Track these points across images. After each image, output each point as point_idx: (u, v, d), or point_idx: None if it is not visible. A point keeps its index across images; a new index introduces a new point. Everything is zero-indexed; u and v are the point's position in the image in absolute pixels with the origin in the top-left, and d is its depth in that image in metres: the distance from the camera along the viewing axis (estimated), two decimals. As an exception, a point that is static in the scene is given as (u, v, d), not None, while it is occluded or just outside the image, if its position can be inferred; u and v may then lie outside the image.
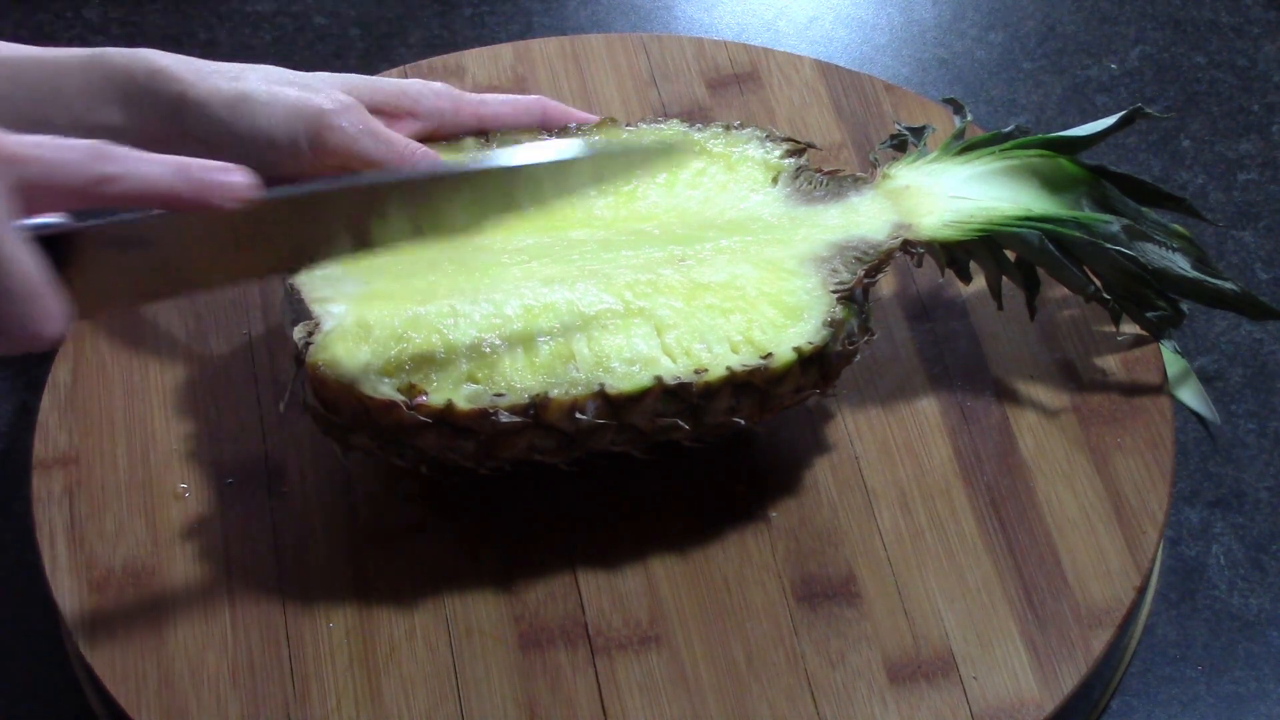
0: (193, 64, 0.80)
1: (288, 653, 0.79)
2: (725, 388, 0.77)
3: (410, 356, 0.76)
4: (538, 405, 0.75)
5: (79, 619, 0.80)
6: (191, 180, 0.67)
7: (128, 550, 0.82)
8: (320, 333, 0.77)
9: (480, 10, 1.16)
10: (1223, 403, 0.96)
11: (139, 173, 0.66)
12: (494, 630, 0.80)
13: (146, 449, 0.85)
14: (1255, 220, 1.04)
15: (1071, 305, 0.91)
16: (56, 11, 1.15)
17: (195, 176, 0.67)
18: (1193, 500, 0.92)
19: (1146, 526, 0.83)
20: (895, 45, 1.14)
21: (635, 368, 0.76)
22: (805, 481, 0.85)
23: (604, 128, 0.85)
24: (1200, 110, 1.10)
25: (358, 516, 0.83)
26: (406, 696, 0.78)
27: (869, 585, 0.81)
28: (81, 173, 0.64)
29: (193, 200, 0.67)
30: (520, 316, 0.78)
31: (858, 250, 0.82)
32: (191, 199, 0.67)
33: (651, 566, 0.82)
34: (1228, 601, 0.89)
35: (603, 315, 0.78)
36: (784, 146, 0.86)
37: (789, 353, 0.77)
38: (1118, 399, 0.87)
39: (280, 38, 1.14)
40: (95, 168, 0.65)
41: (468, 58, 1.01)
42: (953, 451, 0.86)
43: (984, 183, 0.84)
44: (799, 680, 0.78)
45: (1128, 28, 1.15)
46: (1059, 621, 0.80)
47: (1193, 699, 0.86)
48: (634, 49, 1.02)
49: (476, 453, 0.77)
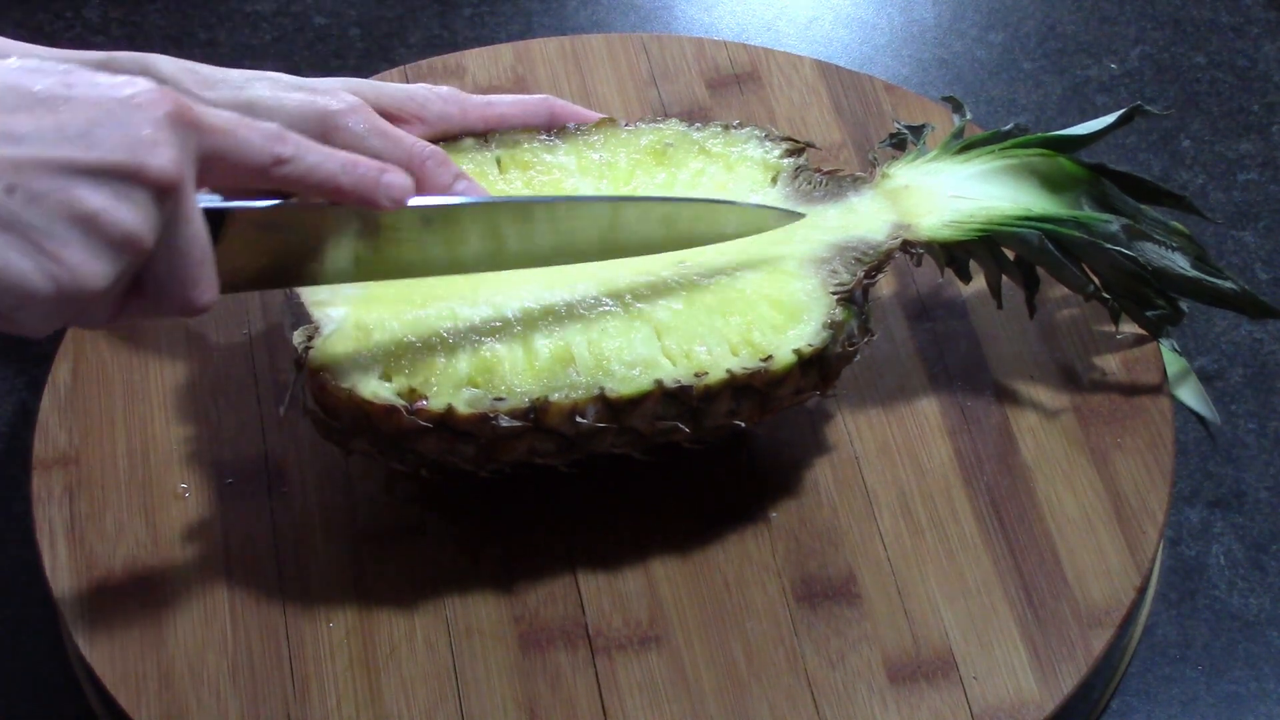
0: (198, 74, 0.80)
1: (288, 653, 0.79)
2: (725, 390, 0.77)
3: (410, 360, 0.76)
4: (538, 409, 0.75)
5: (79, 619, 0.80)
6: (356, 176, 0.70)
7: (128, 550, 0.82)
8: (320, 337, 0.77)
9: (480, 10, 1.16)
10: (1223, 403, 0.96)
11: (309, 161, 0.69)
12: (494, 630, 0.80)
13: (146, 449, 0.85)
14: (1255, 220, 1.04)
15: (1071, 305, 0.91)
16: (56, 11, 1.15)
17: (360, 173, 0.70)
18: (1193, 500, 0.92)
19: (1146, 526, 0.83)
20: (895, 45, 1.14)
21: (635, 371, 0.76)
22: (805, 481, 0.85)
23: (602, 127, 0.85)
24: (1200, 110, 1.10)
25: (358, 517, 0.83)
26: (406, 696, 0.78)
27: (869, 585, 0.81)
28: (260, 152, 0.67)
29: (354, 195, 0.70)
30: (520, 319, 0.78)
31: (857, 251, 0.81)
32: (353, 193, 0.70)
33: (651, 567, 0.82)
34: (1228, 601, 0.89)
35: (602, 318, 0.78)
36: (783, 146, 0.85)
37: (789, 355, 0.77)
38: (1118, 399, 0.87)
39: (280, 38, 1.14)
40: (273, 149, 0.67)
41: (468, 58, 1.01)
42: (953, 452, 0.86)
43: (983, 182, 0.84)
44: (799, 680, 0.78)
45: (1128, 28, 1.15)
46: (1059, 621, 0.80)
47: (1193, 699, 0.86)
48: (634, 49, 1.02)
49: (477, 456, 0.77)
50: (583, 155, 0.84)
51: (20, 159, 0.60)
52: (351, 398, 0.75)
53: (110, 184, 0.62)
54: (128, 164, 0.62)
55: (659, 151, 0.85)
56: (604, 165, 0.84)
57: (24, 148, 0.60)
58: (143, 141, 0.62)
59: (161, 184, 0.63)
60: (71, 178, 0.61)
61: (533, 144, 0.84)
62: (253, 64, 1.12)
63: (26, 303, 0.61)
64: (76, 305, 0.63)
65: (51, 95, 0.62)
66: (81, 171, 0.61)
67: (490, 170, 0.83)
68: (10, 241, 0.60)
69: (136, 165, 0.62)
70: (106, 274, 0.62)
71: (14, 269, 0.61)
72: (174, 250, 0.65)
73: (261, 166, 0.67)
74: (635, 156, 0.84)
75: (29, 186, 0.60)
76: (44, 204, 0.61)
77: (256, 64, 1.12)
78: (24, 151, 0.60)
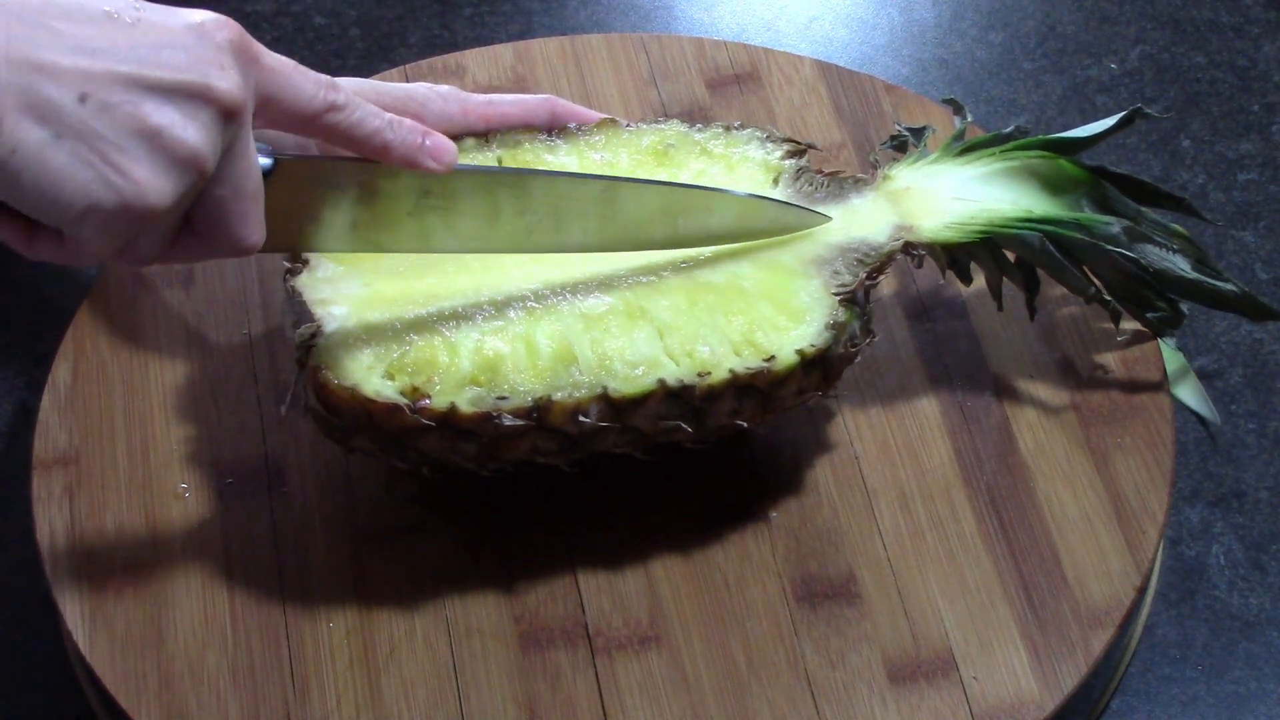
0: None
1: (288, 653, 0.79)
2: (728, 390, 0.77)
3: (412, 359, 0.76)
4: (540, 408, 0.75)
5: (79, 619, 0.80)
6: (403, 136, 0.71)
7: (128, 550, 0.82)
8: (322, 335, 0.77)
9: (480, 10, 1.16)
10: (1223, 403, 0.96)
11: (359, 114, 0.70)
12: (494, 630, 0.80)
13: (146, 449, 0.85)
14: (1255, 220, 1.04)
15: (1071, 305, 0.91)
16: (56, 11, 1.15)
17: (406, 134, 0.72)
18: (1193, 500, 0.92)
19: (1146, 526, 0.83)
20: (895, 45, 1.14)
21: (638, 370, 0.76)
22: (805, 481, 0.85)
23: (604, 128, 0.85)
24: (1200, 110, 1.10)
25: (358, 516, 0.83)
26: (406, 696, 0.78)
27: (869, 585, 0.81)
28: (314, 97, 0.69)
29: (401, 155, 0.72)
30: (523, 318, 0.78)
31: (859, 252, 0.82)
32: (400, 153, 0.72)
33: (651, 566, 0.82)
34: (1228, 601, 0.89)
35: (605, 317, 0.78)
36: (784, 147, 0.85)
37: (791, 355, 0.77)
38: (1118, 399, 0.87)
39: (280, 38, 1.14)
40: (326, 95, 0.69)
41: (468, 58, 1.01)
42: (953, 451, 0.86)
43: (984, 184, 0.84)
44: (799, 680, 0.78)
45: (1128, 28, 1.15)
46: (1059, 621, 0.80)
47: (1193, 699, 0.86)
48: (634, 49, 1.02)
49: (479, 455, 0.77)
50: (584, 156, 0.84)
51: (94, 70, 0.62)
52: (354, 396, 0.75)
53: (178, 102, 0.63)
54: (196, 83, 0.63)
55: (660, 152, 0.85)
56: (605, 166, 0.84)
57: (98, 60, 0.62)
58: (210, 64, 0.64)
59: (227, 105, 0.64)
60: (142, 93, 0.62)
61: (534, 144, 0.84)
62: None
63: (89, 214, 0.62)
64: (136, 224, 0.64)
65: (122, 14, 0.63)
66: (152, 88, 0.63)
67: (491, 170, 0.84)
68: (79, 151, 0.62)
69: (204, 85, 0.64)
70: (169, 191, 0.63)
71: (81, 178, 0.62)
72: (230, 181, 0.66)
73: (314, 112, 0.69)
74: (636, 157, 0.84)
75: (101, 98, 0.62)
76: (114, 116, 0.62)
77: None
78: (98, 64, 0.62)
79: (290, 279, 0.79)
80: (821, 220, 0.82)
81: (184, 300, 0.91)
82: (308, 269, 0.79)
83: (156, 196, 0.63)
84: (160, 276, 0.91)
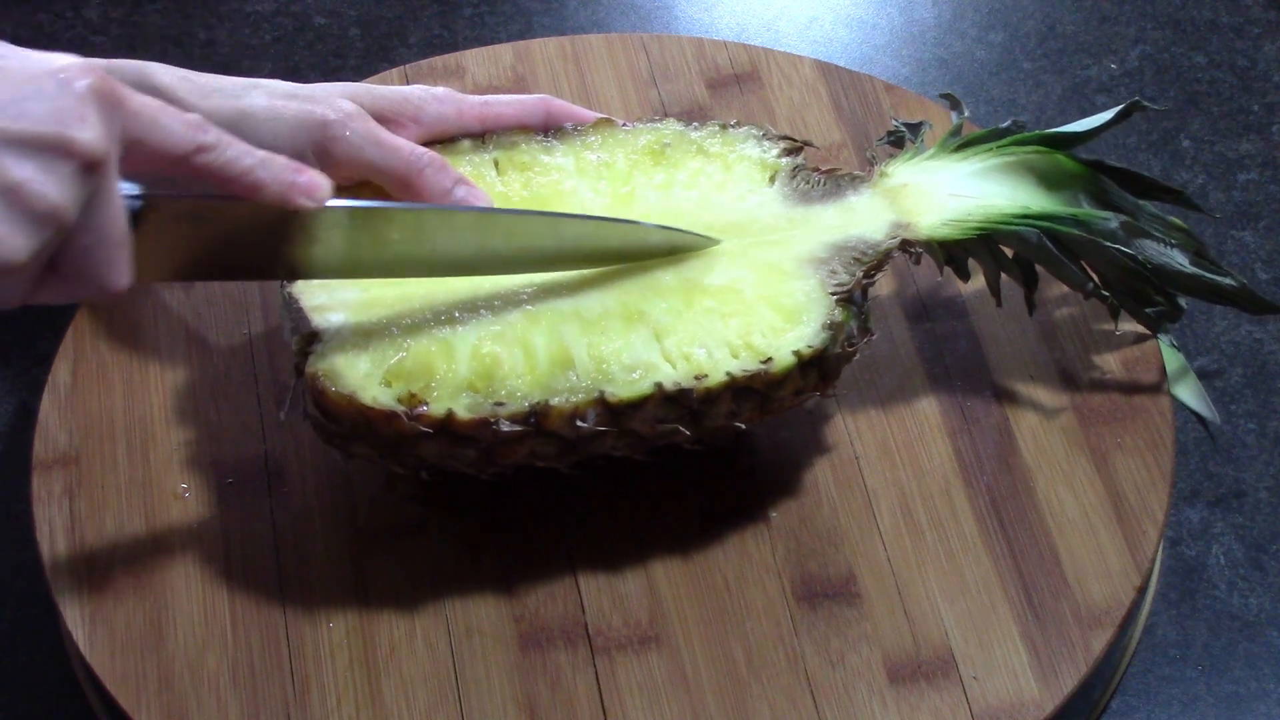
0: (195, 82, 0.80)
1: (288, 653, 0.79)
2: (725, 393, 0.77)
3: (410, 365, 0.76)
4: (538, 413, 0.75)
5: (79, 619, 0.80)
6: (275, 174, 0.70)
7: (128, 550, 0.82)
8: (319, 342, 0.76)
9: (480, 10, 1.16)
10: (1223, 402, 0.96)
11: (230, 153, 0.69)
12: (494, 630, 0.80)
13: (146, 449, 0.85)
14: (1255, 220, 1.04)
15: (1071, 304, 0.91)
16: (57, 11, 1.15)
17: (278, 172, 0.70)
18: (1193, 500, 0.92)
19: (1146, 526, 0.83)
20: (895, 45, 1.14)
21: (635, 374, 0.76)
22: (805, 481, 0.85)
23: (600, 128, 0.85)
24: (1200, 110, 1.10)
25: (358, 516, 0.83)
26: (406, 696, 0.78)
27: (869, 585, 0.81)
28: (182, 138, 0.67)
29: (273, 192, 0.70)
30: (519, 322, 0.78)
31: (856, 251, 0.81)
32: (272, 191, 0.70)
33: (651, 567, 0.82)
34: (1228, 601, 0.89)
35: (602, 320, 0.78)
36: (781, 145, 0.85)
37: (789, 357, 0.77)
38: (1118, 399, 0.87)
39: (280, 38, 1.14)
40: (195, 136, 0.68)
41: (468, 58, 1.01)
42: (953, 452, 0.86)
43: (982, 180, 0.84)
44: (799, 680, 0.78)
45: (1128, 28, 1.15)
46: (1059, 621, 0.80)
47: (1193, 699, 0.86)
48: (634, 49, 1.02)
49: (478, 460, 0.77)
50: (580, 156, 0.84)
51: None
52: (351, 403, 0.75)
53: (36, 155, 0.62)
54: (55, 136, 0.62)
55: (657, 152, 0.84)
56: (602, 165, 0.84)
57: None
58: (71, 114, 0.63)
59: (87, 158, 0.63)
60: None
61: (530, 145, 0.84)
62: (252, 64, 1.12)
63: None
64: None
65: None
66: (9, 142, 0.61)
67: (488, 172, 0.83)
68: None
69: (64, 138, 0.62)
70: (24, 246, 0.62)
71: None
72: (93, 229, 0.65)
73: (182, 153, 0.67)
74: (633, 157, 0.84)
75: None
76: None
77: (256, 64, 1.12)
78: None
79: (287, 285, 0.79)
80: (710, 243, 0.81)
81: (184, 300, 0.91)
82: None
83: (11, 252, 0.62)
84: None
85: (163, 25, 1.15)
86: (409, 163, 0.80)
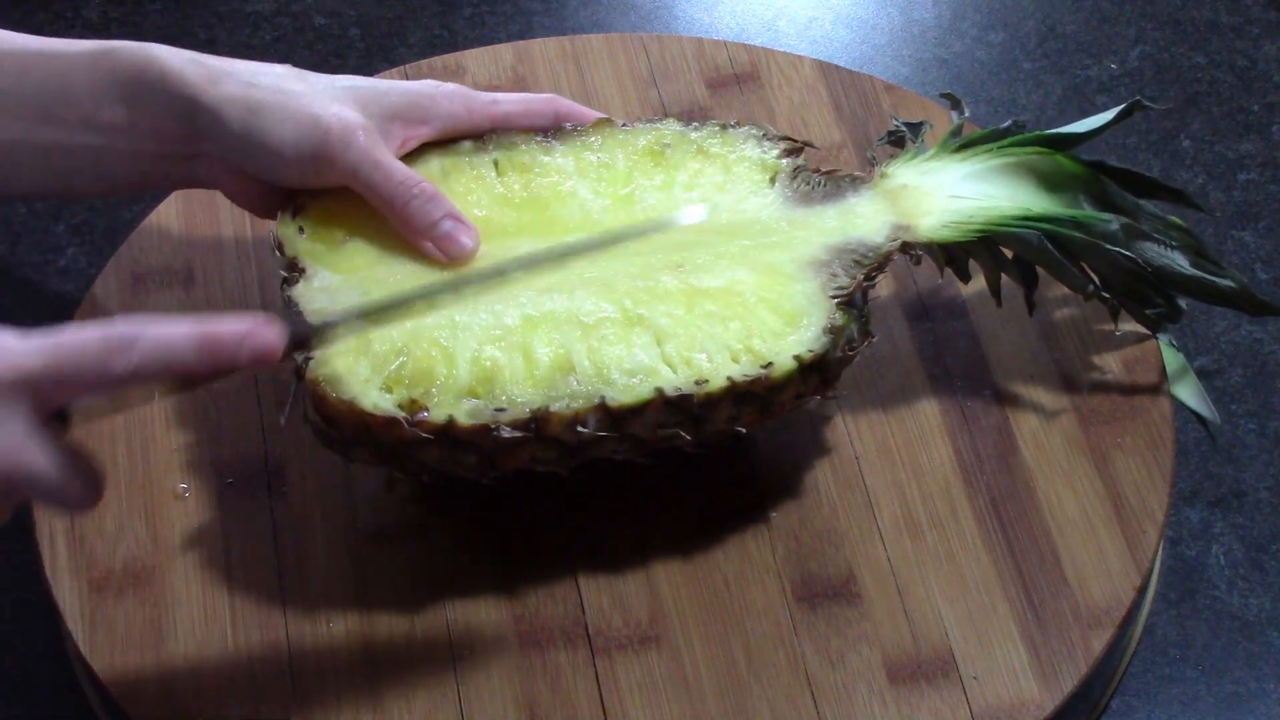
0: (203, 66, 0.80)
1: (288, 653, 0.79)
2: (726, 397, 0.77)
3: (410, 371, 0.76)
4: (539, 419, 0.75)
5: (79, 619, 0.80)
6: (215, 354, 0.67)
7: (128, 550, 0.82)
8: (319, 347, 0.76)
9: (480, 10, 1.16)
10: (1223, 403, 0.96)
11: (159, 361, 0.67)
12: (494, 630, 0.80)
13: (146, 449, 0.85)
14: (1255, 220, 1.04)
15: (1071, 305, 0.91)
16: (57, 11, 1.15)
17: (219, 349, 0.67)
18: (1193, 500, 0.92)
19: (1146, 526, 0.83)
20: (895, 45, 1.14)
21: (635, 379, 0.76)
22: (805, 482, 0.85)
23: (599, 128, 0.85)
24: (1200, 110, 1.10)
25: (358, 517, 0.83)
26: (406, 696, 0.78)
27: (869, 585, 0.81)
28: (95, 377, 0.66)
29: (216, 372, 0.68)
30: (520, 327, 0.78)
31: (856, 253, 0.81)
32: (214, 372, 0.68)
33: (651, 567, 0.82)
34: (1228, 601, 0.89)
35: (602, 324, 0.78)
36: (781, 146, 0.85)
37: (789, 361, 0.77)
38: (1118, 399, 0.87)
39: (280, 38, 1.14)
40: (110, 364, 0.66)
41: (468, 58, 1.01)
42: (953, 452, 0.86)
43: (982, 181, 0.84)
44: (799, 680, 0.78)
45: (1128, 28, 1.15)
46: (1059, 621, 0.80)
47: (1193, 699, 0.86)
48: (634, 49, 1.02)
49: (478, 465, 0.76)
50: (580, 157, 0.84)
51: None
52: (352, 409, 0.74)
53: None
54: None
55: (656, 152, 0.84)
56: (601, 166, 0.84)
57: None
58: None
59: None
60: None
61: (530, 145, 0.84)
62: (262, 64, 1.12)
63: None
64: None
65: None
66: None
67: (488, 173, 0.83)
68: None
69: None
70: None
71: None
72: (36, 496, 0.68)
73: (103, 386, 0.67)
74: (633, 158, 0.84)
75: None
76: None
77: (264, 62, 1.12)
78: None
79: (287, 289, 0.79)
80: None
81: (184, 300, 0.91)
82: (304, 278, 0.79)
83: None
84: (160, 276, 0.91)
85: (163, 25, 1.15)
86: (399, 191, 0.80)
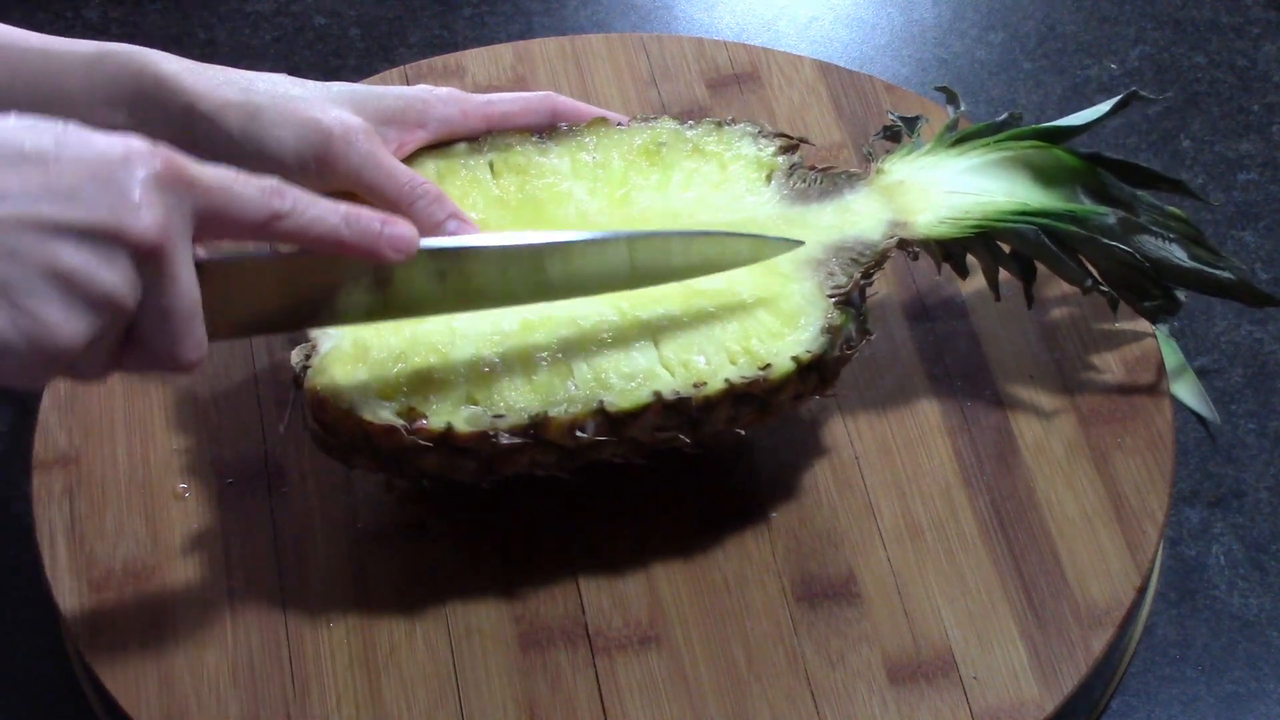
0: (200, 72, 0.80)
1: (288, 653, 0.79)
2: (724, 399, 0.76)
3: (409, 377, 0.76)
4: (538, 425, 0.75)
5: (79, 619, 0.80)
6: (359, 230, 0.69)
7: (128, 550, 0.82)
8: (318, 355, 0.76)
9: (480, 10, 1.16)
10: (1223, 403, 0.96)
11: (309, 215, 0.68)
12: (494, 630, 0.80)
13: (146, 449, 0.85)
14: (1255, 220, 1.04)
15: (1070, 304, 0.91)
16: (56, 11, 1.15)
17: (362, 226, 0.69)
18: (1193, 500, 0.92)
19: (1146, 526, 0.83)
20: (895, 45, 1.14)
21: (633, 383, 0.76)
22: (805, 482, 0.85)
23: (594, 127, 0.85)
24: (1200, 110, 1.10)
25: (358, 517, 0.83)
26: (406, 696, 0.78)
27: (869, 585, 0.81)
28: (258, 208, 0.67)
29: (357, 248, 0.69)
30: (518, 332, 0.77)
31: (853, 251, 0.81)
32: (356, 246, 0.69)
33: (651, 567, 0.82)
34: (1228, 601, 0.89)
35: (600, 327, 0.78)
36: (777, 143, 0.85)
37: (787, 362, 0.77)
38: (1118, 399, 0.87)
39: (280, 38, 1.14)
40: (270, 204, 0.67)
41: (468, 58, 1.01)
42: (952, 451, 0.86)
43: (979, 175, 0.84)
44: (799, 680, 0.78)
45: (1128, 28, 1.15)
46: (1059, 621, 0.80)
47: (1193, 699, 0.86)
48: (634, 49, 1.02)
49: (478, 470, 0.76)
50: (575, 157, 0.84)
51: (2, 216, 0.61)
52: (350, 417, 0.74)
53: (91, 243, 0.62)
54: (109, 225, 0.62)
55: (652, 151, 0.84)
56: (597, 166, 0.84)
57: (6, 204, 0.61)
58: (127, 203, 0.63)
59: (142, 247, 0.63)
60: (52, 236, 0.62)
61: (524, 146, 0.84)
62: (252, 64, 1.11)
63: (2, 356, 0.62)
64: (55, 361, 0.63)
65: (40, 153, 0.62)
66: (63, 230, 0.62)
67: (484, 175, 0.83)
68: None
69: (117, 227, 0.62)
70: (82, 332, 0.63)
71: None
72: (159, 310, 0.65)
73: (259, 222, 0.67)
74: (629, 157, 0.84)
75: (8, 243, 0.61)
76: (22, 260, 0.61)
77: (256, 64, 1.11)
78: (6, 208, 0.61)
79: None
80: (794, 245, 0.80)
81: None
82: None
83: (69, 338, 0.62)
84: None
85: (163, 25, 1.15)
86: (404, 192, 0.80)
